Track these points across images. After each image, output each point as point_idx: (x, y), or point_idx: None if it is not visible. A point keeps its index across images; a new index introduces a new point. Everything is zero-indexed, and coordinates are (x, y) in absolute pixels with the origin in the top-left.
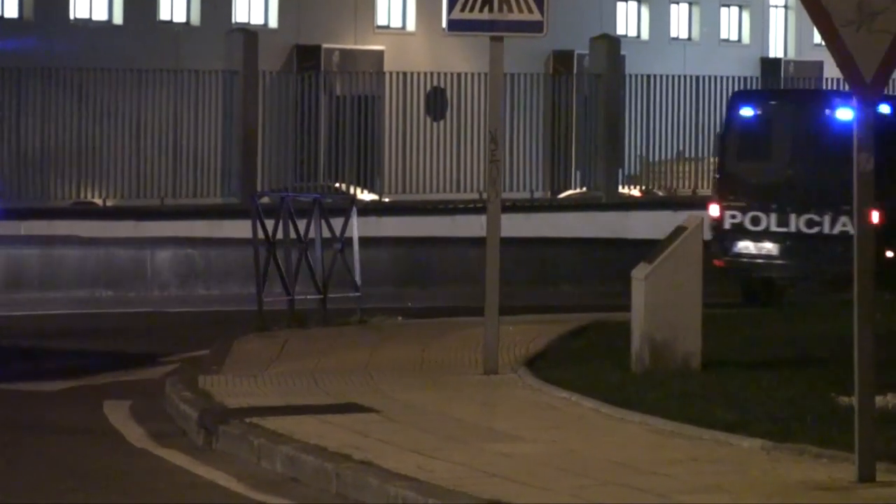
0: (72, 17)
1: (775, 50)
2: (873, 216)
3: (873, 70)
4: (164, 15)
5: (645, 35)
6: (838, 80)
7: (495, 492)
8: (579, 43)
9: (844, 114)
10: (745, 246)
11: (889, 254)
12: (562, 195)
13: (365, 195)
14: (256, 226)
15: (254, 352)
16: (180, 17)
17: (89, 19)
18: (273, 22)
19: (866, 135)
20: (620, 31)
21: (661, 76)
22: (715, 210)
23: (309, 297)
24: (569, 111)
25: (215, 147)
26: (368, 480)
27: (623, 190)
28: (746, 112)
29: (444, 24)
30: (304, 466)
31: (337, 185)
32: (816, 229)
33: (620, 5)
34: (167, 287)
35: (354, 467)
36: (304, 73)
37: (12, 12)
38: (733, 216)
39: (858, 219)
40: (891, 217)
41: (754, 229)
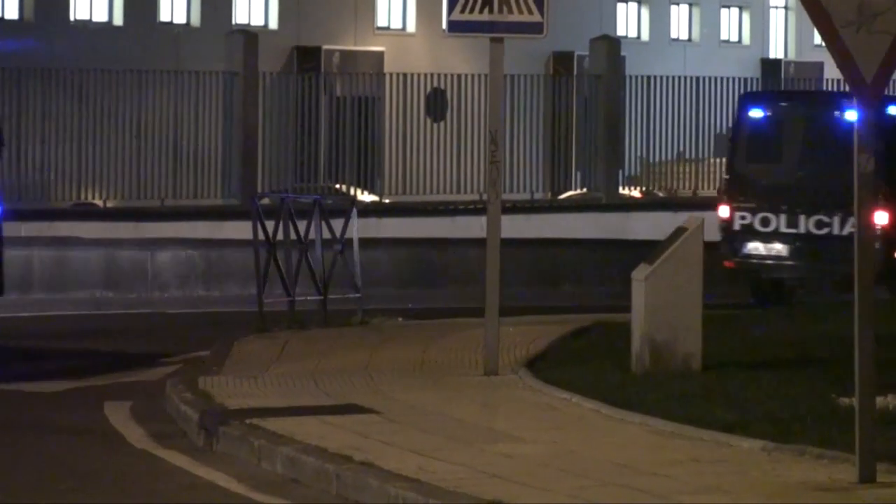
0: (72, 18)
1: (775, 51)
2: (883, 218)
3: (873, 71)
4: (165, 16)
5: (645, 36)
6: (839, 81)
7: (496, 492)
8: (579, 44)
9: (854, 115)
10: (755, 247)
11: None
12: (562, 196)
13: (365, 196)
14: (257, 227)
15: (254, 353)
16: (180, 19)
17: (89, 20)
18: (273, 23)
19: (867, 136)
20: (620, 32)
21: (662, 77)
22: (724, 211)
23: (309, 299)
24: (569, 112)
25: (215, 148)
26: (369, 481)
27: (623, 191)
28: (756, 113)
29: (445, 26)
30: (305, 467)
31: (337, 187)
32: (826, 230)
33: (620, 6)
34: (167, 288)
35: (355, 468)
36: (305, 75)
37: (12, 13)
38: (743, 217)
39: (859, 219)
40: None
41: (764, 230)
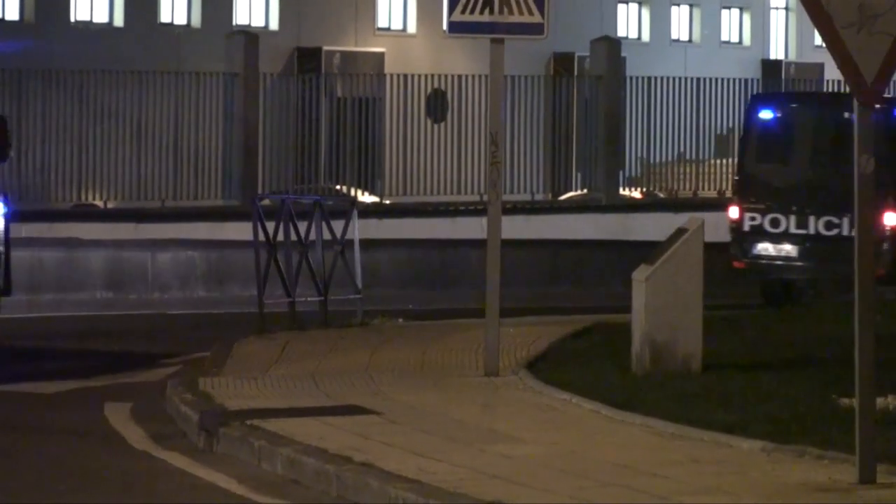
0: (72, 19)
1: (776, 52)
2: (892, 219)
3: (874, 72)
4: (165, 17)
5: (646, 37)
6: (839, 82)
7: (496, 493)
8: (580, 45)
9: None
10: (765, 247)
11: None
12: (562, 197)
13: (366, 197)
14: (257, 228)
15: (254, 354)
16: (181, 19)
17: (90, 21)
18: (274, 24)
19: (867, 137)
20: (621, 33)
21: (662, 78)
22: (734, 212)
23: (310, 300)
24: (569, 113)
25: (216, 149)
26: (369, 482)
27: (624, 192)
28: (766, 114)
29: (445, 26)
30: (305, 468)
31: (338, 187)
32: (835, 231)
33: (621, 7)
34: (168, 289)
35: (355, 469)
36: (305, 75)
37: (13, 14)
38: (753, 218)
39: (859, 220)
40: None
41: (774, 231)
